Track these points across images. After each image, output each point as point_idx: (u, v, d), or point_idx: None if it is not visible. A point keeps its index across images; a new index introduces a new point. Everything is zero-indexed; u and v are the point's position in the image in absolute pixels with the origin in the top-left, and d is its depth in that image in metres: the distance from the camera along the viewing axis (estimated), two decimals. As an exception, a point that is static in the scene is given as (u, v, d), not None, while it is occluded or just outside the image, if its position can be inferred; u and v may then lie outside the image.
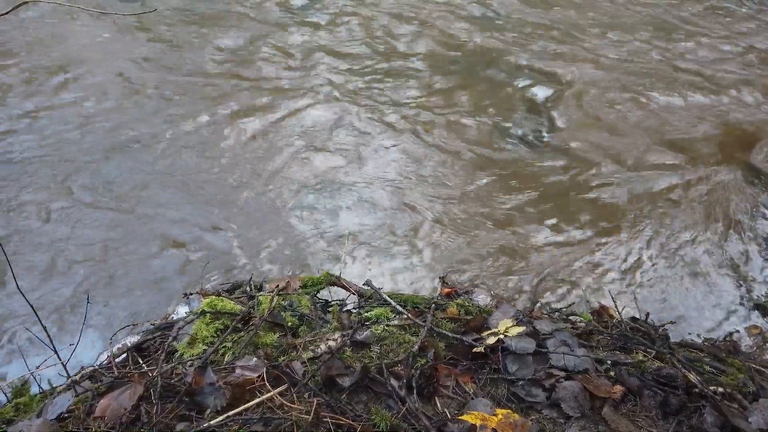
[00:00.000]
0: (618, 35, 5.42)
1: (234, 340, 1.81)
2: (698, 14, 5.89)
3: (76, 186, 3.42)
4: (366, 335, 1.84)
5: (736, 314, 2.98)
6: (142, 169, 3.60)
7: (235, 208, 3.39)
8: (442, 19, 5.47)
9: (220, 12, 5.36)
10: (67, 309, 2.74)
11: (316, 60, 4.77)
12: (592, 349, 1.95)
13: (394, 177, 3.69)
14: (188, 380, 1.56)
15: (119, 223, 3.22)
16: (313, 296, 2.26)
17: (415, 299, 2.22)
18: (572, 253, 3.24)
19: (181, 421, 1.48)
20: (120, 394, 1.53)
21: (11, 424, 1.57)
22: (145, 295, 2.84)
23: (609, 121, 4.34)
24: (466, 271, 3.08)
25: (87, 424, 1.49)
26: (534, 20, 5.57)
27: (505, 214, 3.47)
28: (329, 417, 1.49)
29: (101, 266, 2.95)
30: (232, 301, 2.05)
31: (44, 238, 3.08)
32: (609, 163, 3.91)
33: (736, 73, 5.01)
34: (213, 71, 4.54)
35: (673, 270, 3.20)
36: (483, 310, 2.13)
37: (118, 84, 4.31)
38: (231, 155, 3.76)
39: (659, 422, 1.68)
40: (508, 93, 4.58)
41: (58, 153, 3.65)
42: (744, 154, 4.09)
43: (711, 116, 4.45)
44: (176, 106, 4.14)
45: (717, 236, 3.42)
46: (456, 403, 1.68)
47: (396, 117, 4.20)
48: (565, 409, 1.68)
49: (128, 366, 1.82)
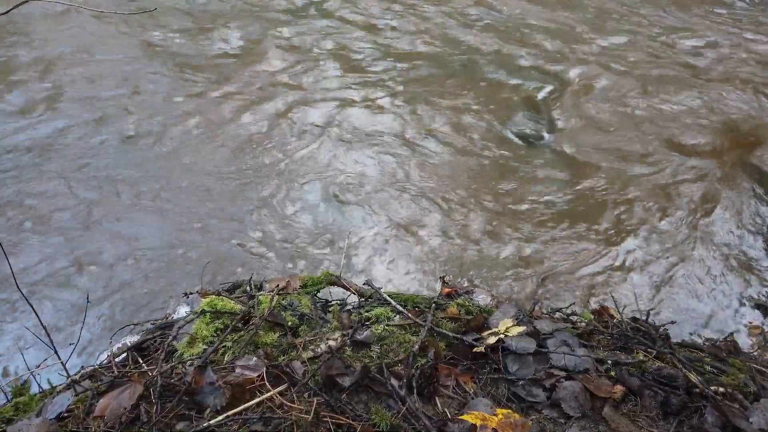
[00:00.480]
0: (619, 36, 5.41)
1: (234, 339, 1.81)
2: (701, 15, 5.88)
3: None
4: (366, 335, 1.84)
5: (737, 314, 2.97)
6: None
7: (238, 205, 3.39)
8: (443, 19, 5.47)
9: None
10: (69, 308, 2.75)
11: (314, 57, 4.77)
12: (593, 349, 1.94)
13: (394, 177, 3.68)
14: (188, 380, 1.55)
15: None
16: (314, 296, 2.26)
17: (415, 299, 2.21)
18: (573, 252, 3.23)
19: (181, 421, 1.47)
20: (120, 393, 1.53)
21: (11, 423, 1.57)
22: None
23: (609, 121, 4.34)
24: (467, 271, 3.08)
25: (86, 423, 1.48)
26: (535, 21, 5.57)
27: (505, 213, 3.47)
28: (329, 416, 1.48)
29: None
30: (232, 300, 2.04)
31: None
32: (609, 163, 3.91)
33: (739, 74, 5.00)
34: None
35: (674, 270, 3.19)
36: (483, 309, 2.13)
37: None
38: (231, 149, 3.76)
39: (660, 422, 1.67)
40: (508, 93, 4.58)
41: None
42: (747, 155, 4.09)
43: (713, 117, 4.45)
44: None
45: (718, 237, 3.42)
46: (456, 403, 1.67)
47: (396, 117, 4.20)
48: (565, 409, 1.67)
49: (128, 365, 1.81)
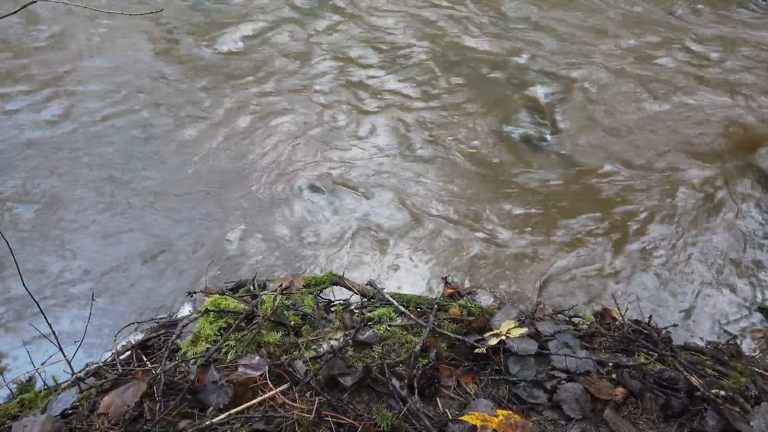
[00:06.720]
0: (623, 37, 5.40)
1: (237, 338, 1.82)
2: (707, 18, 5.86)
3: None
4: (368, 335, 1.84)
5: (739, 317, 2.97)
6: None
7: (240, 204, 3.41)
8: (445, 20, 5.46)
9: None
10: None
11: (317, 60, 4.78)
12: (594, 351, 1.95)
13: (395, 178, 3.69)
14: (191, 378, 1.56)
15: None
16: (317, 296, 2.27)
17: (417, 300, 2.22)
18: (575, 254, 3.23)
19: (184, 419, 1.48)
20: (124, 391, 1.54)
21: (16, 419, 1.58)
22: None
23: (613, 122, 4.33)
24: (469, 272, 3.09)
25: (90, 420, 1.50)
26: (539, 22, 5.56)
27: (507, 215, 3.47)
28: (331, 416, 1.49)
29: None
30: (235, 299, 2.05)
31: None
32: (613, 165, 3.90)
33: (744, 75, 4.98)
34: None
35: (677, 272, 3.19)
36: (485, 311, 2.13)
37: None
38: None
39: (661, 425, 1.68)
40: (511, 94, 4.57)
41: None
42: (751, 157, 4.08)
43: (717, 118, 4.43)
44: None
45: (721, 238, 3.41)
46: (457, 404, 1.68)
47: (397, 118, 4.20)
48: (566, 410, 1.68)
49: (132, 363, 1.83)
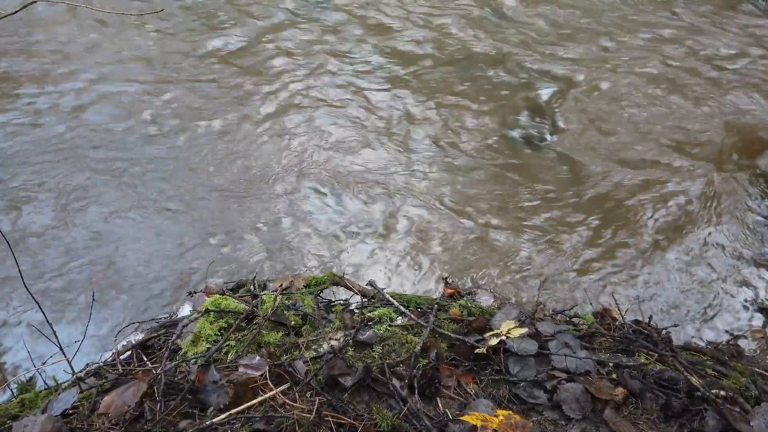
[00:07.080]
0: (624, 37, 5.40)
1: (237, 338, 1.82)
2: (709, 19, 5.85)
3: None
4: (369, 335, 1.85)
5: (739, 318, 2.97)
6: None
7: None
8: (446, 19, 5.46)
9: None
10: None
11: (319, 59, 4.78)
12: (594, 351, 1.95)
13: (395, 178, 3.69)
14: (192, 378, 1.57)
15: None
16: (317, 296, 2.27)
17: (418, 300, 2.22)
18: (575, 255, 3.23)
19: (184, 419, 1.49)
20: (124, 391, 1.54)
21: (16, 419, 1.59)
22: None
23: (613, 123, 4.33)
24: (469, 272, 3.09)
25: (91, 420, 1.50)
26: (539, 22, 5.56)
27: (508, 215, 3.47)
28: (331, 416, 1.49)
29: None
30: (236, 299, 2.06)
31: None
32: (613, 165, 3.90)
33: (744, 75, 4.98)
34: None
35: (677, 273, 3.19)
36: (486, 311, 2.13)
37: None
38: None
39: (661, 425, 1.68)
40: (511, 94, 4.57)
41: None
42: (751, 159, 4.07)
43: (718, 119, 4.43)
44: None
45: (721, 239, 3.41)
46: (457, 404, 1.68)
47: (397, 118, 4.20)
48: (566, 410, 1.68)
49: (132, 363, 1.83)
